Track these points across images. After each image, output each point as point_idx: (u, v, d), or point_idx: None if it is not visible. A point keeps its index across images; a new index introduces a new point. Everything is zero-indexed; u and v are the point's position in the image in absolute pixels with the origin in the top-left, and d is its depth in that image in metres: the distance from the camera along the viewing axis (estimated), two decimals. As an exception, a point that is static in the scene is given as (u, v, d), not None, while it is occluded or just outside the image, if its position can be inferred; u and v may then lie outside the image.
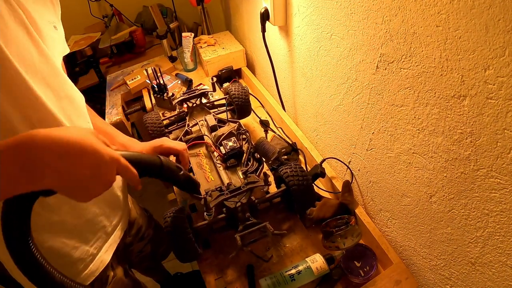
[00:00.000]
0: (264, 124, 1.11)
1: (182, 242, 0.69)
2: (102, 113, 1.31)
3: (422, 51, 0.50)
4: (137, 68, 1.51)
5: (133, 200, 0.95)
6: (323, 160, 0.93)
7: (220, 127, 0.94)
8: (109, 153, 0.42)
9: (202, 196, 0.74)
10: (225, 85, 1.29)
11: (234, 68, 1.35)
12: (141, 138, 2.00)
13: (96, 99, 1.91)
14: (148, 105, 1.30)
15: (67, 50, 0.63)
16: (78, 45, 1.58)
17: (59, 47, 0.58)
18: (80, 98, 0.63)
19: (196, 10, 1.50)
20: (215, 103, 1.07)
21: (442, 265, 0.65)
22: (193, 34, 1.33)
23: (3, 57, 0.43)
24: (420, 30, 0.49)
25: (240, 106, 1.02)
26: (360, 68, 0.67)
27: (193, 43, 1.35)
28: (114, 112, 1.32)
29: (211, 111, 1.03)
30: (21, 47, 0.47)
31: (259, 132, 1.12)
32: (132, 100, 1.44)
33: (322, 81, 0.85)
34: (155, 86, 1.19)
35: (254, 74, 1.38)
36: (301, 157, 1.01)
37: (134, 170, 0.48)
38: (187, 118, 1.02)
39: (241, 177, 0.81)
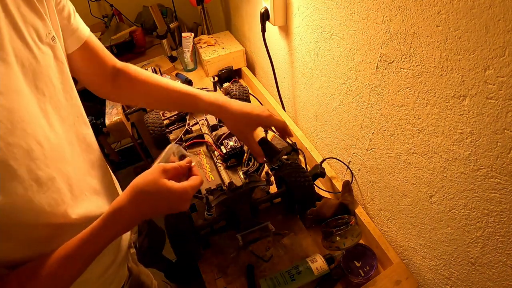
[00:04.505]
0: (264, 124, 1.10)
1: (184, 244, 0.69)
2: (102, 113, 1.31)
3: (422, 51, 0.50)
4: (137, 68, 1.51)
5: None
6: (323, 160, 0.93)
7: (220, 126, 0.94)
8: (175, 193, 0.49)
9: (203, 195, 0.74)
10: (225, 85, 1.29)
11: (234, 68, 1.35)
12: (141, 139, 2.00)
13: (96, 99, 1.91)
14: (148, 105, 1.29)
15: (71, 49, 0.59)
16: (78, 45, 1.57)
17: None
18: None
19: (196, 10, 1.50)
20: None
21: (442, 265, 0.65)
22: (193, 34, 1.33)
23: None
24: (420, 30, 0.49)
25: (240, 106, 1.02)
26: (360, 68, 0.67)
27: (193, 43, 1.35)
28: (114, 112, 1.32)
29: (211, 111, 1.03)
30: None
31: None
32: (132, 100, 1.44)
33: (322, 81, 0.85)
34: (155, 86, 1.19)
35: (254, 74, 1.38)
36: (301, 157, 1.01)
37: (200, 182, 0.53)
38: (187, 117, 1.02)
39: (242, 177, 0.81)
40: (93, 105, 1.87)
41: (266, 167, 0.88)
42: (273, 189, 0.86)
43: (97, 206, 0.55)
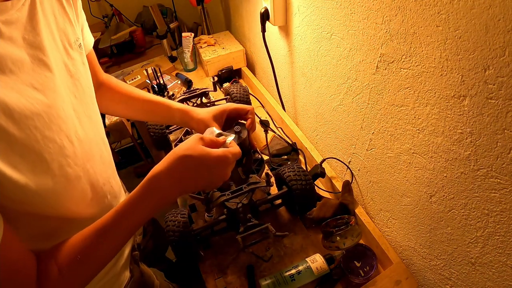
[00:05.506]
0: (264, 124, 1.11)
1: (185, 246, 0.69)
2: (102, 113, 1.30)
3: (422, 51, 0.50)
4: (137, 68, 1.51)
5: None
6: (323, 160, 0.93)
7: (220, 127, 0.94)
8: (216, 157, 0.49)
9: (203, 197, 0.74)
10: (225, 85, 1.29)
11: (234, 68, 1.35)
12: (141, 139, 2.00)
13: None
14: (148, 105, 1.29)
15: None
16: (78, 45, 1.57)
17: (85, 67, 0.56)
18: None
19: (196, 10, 1.50)
20: (216, 103, 1.07)
21: (442, 265, 0.65)
22: (193, 34, 1.33)
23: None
24: (420, 30, 0.49)
25: (240, 106, 1.02)
26: (360, 68, 0.67)
27: (193, 43, 1.35)
28: (114, 112, 1.32)
29: (211, 111, 1.03)
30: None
31: (259, 132, 1.12)
32: (132, 100, 1.44)
33: (322, 81, 0.85)
34: (155, 86, 1.19)
35: (254, 74, 1.38)
36: (301, 157, 1.01)
37: (239, 151, 0.54)
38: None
39: (242, 177, 0.81)
40: (93, 105, 1.87)
41: (266, 168, 0.88)
42: (273, 190, 0.86)
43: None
